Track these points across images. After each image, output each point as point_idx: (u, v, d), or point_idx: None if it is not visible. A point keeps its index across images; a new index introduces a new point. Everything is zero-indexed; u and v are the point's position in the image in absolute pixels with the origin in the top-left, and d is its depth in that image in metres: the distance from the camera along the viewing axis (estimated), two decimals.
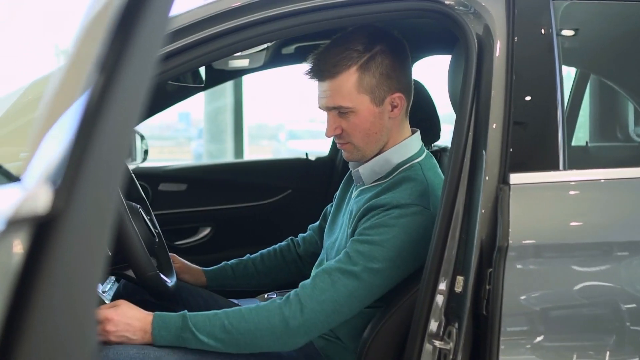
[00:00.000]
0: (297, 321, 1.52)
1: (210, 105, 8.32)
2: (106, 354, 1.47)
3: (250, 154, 10.10)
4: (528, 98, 1.41)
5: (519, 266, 1.31)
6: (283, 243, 2.18)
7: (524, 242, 1.32)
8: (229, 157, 7.93)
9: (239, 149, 7.94)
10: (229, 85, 7.67)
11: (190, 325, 1.52)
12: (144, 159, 3.38)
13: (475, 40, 1.46)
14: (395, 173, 1.68)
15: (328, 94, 1.64)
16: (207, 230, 3.25)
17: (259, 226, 3.26)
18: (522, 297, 1.32)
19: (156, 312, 1.56)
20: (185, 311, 1.55)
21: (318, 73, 1.65)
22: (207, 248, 3.19)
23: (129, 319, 1.53)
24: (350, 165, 1.81)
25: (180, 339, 1.52)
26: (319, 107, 1.68)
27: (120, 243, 1.59)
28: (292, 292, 1.57)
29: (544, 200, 1.37)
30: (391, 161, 1.70)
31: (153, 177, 3.22)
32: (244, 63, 2.67)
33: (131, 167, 3.27)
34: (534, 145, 1.40)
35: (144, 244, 1.61)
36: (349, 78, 1.61)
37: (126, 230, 1.57)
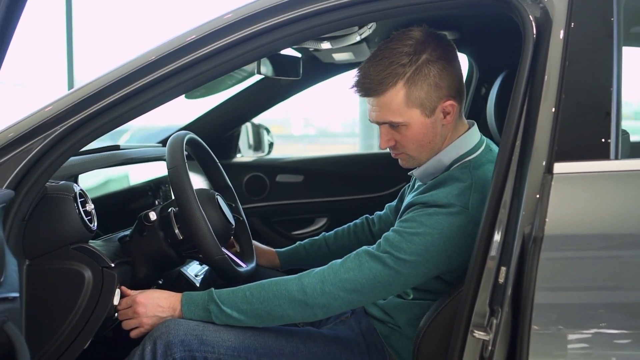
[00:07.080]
0: (316, 291, 1.55)
1: (363, 105, 8.49)
2: (167, 324, 1.58)
3: None
4: (581, 85, 1.35)
5: (554, 258, 1.26)
6: (358, 221, 2.20)
7: (562, 233, 1.26)
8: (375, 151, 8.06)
9: None
10: None
11: (215, 298, 1.60)
12: (269, 152, 3.53)
13: (534, 25, 1.41)
14: (447, 172, 1.67)
15: (377, 109, 1.64)
16: (323, 221, 3.33)
17: None
18: (557, 289, 1.27)
19: (185, 292, 1.66)
20: (212, 288, 1.63)
21: (364, 90, 1.63)
22: None
23: (157, 299, 1.64)
24: None
25: (207, 312, 1.60)
26: (370, 121, 1.67)
27: (189, 228, 1.69)
28: (319, 267, 1.61)
29: (588, 191, 1.30)
30: (443, 161, 1.69)
31: (271, 169, 3.34)
32: (348, 56, 2.69)
33: (253, 158, 3.43)
34: (583, 134, 1.33)
35: (211, 229, 1.70)
36: (397, 94, 1.59)
37: (193, 216, 1.67)
